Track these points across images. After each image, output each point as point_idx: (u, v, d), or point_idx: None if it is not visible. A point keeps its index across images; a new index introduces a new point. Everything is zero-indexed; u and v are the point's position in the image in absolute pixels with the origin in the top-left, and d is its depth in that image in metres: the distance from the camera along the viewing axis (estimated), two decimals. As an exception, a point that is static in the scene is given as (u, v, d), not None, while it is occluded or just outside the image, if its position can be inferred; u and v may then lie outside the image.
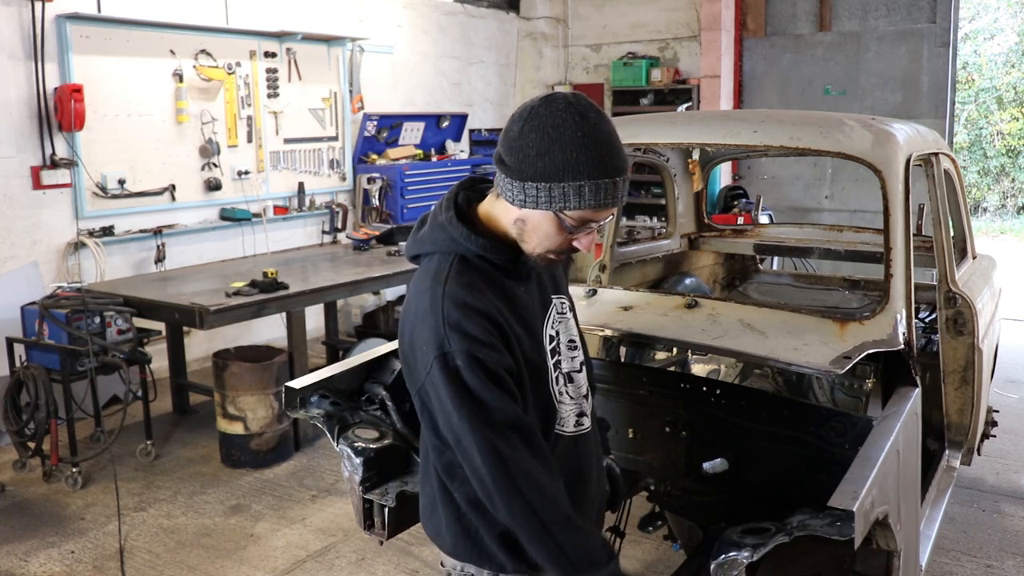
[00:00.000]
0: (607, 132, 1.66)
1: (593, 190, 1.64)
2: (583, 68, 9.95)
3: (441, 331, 1.66)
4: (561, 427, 1.86)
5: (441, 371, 1.65)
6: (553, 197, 1.65)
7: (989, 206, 15.75)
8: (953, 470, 3.50)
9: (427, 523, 1.94)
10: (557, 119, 1.64)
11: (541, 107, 1.67)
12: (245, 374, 4.83)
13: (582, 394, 1.92)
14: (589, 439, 1.95)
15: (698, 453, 2.60)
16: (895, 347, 2.44)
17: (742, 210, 7.86)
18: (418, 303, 1.74)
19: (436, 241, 1.79)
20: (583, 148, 1.62)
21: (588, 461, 1.94)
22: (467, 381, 1.65)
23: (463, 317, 1.66)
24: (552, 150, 1.63)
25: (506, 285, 1.78)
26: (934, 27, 8.17)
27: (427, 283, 1.74)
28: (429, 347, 1.68)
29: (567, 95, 1.68)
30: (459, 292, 1.69)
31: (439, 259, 1.77)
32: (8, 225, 5.50)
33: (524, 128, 1.67)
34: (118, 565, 3.85)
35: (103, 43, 5.86)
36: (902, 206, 2.62)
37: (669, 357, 3.81)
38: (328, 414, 2.54)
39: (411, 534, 3.88)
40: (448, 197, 1.84)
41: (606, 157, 1.64)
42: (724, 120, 3.23)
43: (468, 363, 1.64)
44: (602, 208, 1.67)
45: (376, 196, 7.65)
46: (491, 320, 1.69)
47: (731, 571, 1.77)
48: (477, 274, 1.74)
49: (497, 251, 1.76)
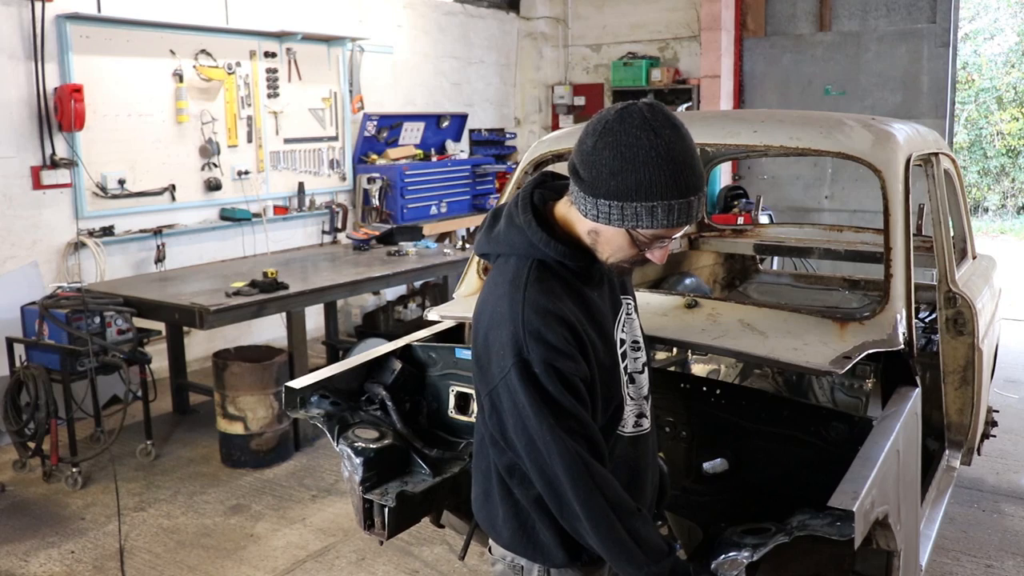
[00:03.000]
0: (682, 150, 1.63)
1: (666, 210, 1.63)
2: (583, 68, 9.95)
3: (520, 337, 1.68)
4: (622, 428, 1.90)
5: (519, 376, 1.67)
6: (626, 216, 1.65)
7: (989, 206, 15.75)
8: (953, 470, 3.50)
9: (479, 512, 1.98)
10: (631, 137, 1.62)
11: (615, 122, 1.65)
12: (245, 374, 4.83)
13: (643, 395, 1.95)
14: (648, 439, 1.98)
15: (698, 453, 2.59)
16: (895, 347, 2.44)
17: (742, 210, 7.81)
18: (495, 307, 1.75)
19: (513, 243, 1.79)
20: (656, 169, 1.61)
21: (646, 461, 1.97)
22: (545, 387, 1.67)
23: (543, 325, 1.68)
24: (625, 170, 1.62)
25: (582, 290, 1.79)
26: (934, 27, 8.17)
27: (505, 287, 1.75)
28: (507, 352, 1.69)
29: (644, 108, 1.65)
30: (539, 299, 1.71)
31: (516, 262, 1.78)
32: (8, 225, 5.50)
33: (598, 144, 1.65)
34: (118, 565, 3.86)
35: (103, 43, 5.86)
36: (902, 206, 2.62)
37: (669, 357, 3.81)
38: (328, 414, 2.54)
39: (411, 534, 3.89)
40: (524, 197, 1.82)
41: (679, 177, 1.62)
42: (724, 120, 3.23)
43: (545, 371, 1.67)
44: (675, 227, 1.67)
45: (376, 196, 7.64)
46: (570, 328, 1.70)
47: (731, 571, 1.77)
48: (555, 279, 1.76)
49: (575, 257, 1.76)
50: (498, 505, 1.90)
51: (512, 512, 1.87)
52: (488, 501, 1.93)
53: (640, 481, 1.96)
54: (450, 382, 2.75)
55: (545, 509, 1.79)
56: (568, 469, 1.67)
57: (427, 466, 2.56)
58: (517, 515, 1.87)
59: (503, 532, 1.90)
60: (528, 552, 1.87)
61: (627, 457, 1.92)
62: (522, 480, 1.81)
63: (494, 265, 1.85)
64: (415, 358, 2.83)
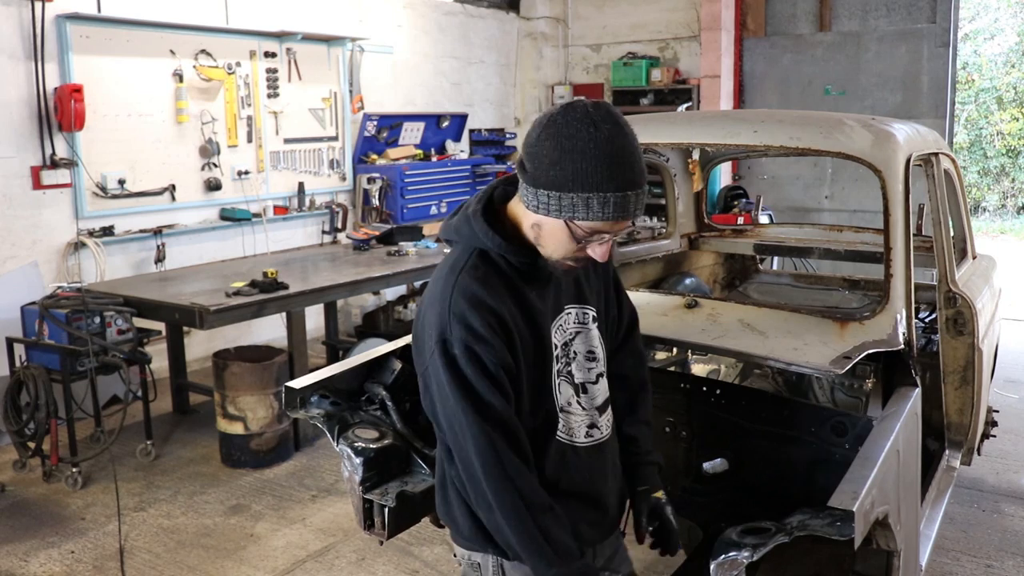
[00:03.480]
0: (621, 146, 1.65)
1: (601, 203, 1.64)
2: (583, 68, 9.95)
3: (446, 318, 1.72)
4: (571, 437, 1.89)
5: (441, 356, 1.72)
6: (563, 206, 1.67)
7: (989, 206, 15.74)
8: (953, 470, 3.50)
9: (439, 505, 1.98)
10: (571, 128, 1.64)
11: (559, 115, 1.68)
12: (245, 374, 4.83)
13: (595, 405, 1.93)
14: (606, 448, 1.96)
15: (698, 453, 2.60)
16: (895, 347, 2.44)
17: (742, 210, 7.85)
18: (432, 288, 1.81)
19: (461, 232, 1.83)
20: (593, 160, 1.63)
21: (604, 470, 1.96)
22: (463, 369, 1.70)
23: (468, 309, 1.71)
24: (563, 160, 1.64)
25: (520, 286, 1.80)
26: (934, 27, 8.17)
27: (444, 271, 1.81)
28: (433, 332, 1.74)
29: (588, 104, 1.68)
30: (470, 285, 1.74)
31: (460, 250, 1.83)
32: (8, 225, 5.50)
33: (541, 135, 1.68)
34: (118, 565, 3.85)
35: (103, 43, 5.86)
36: (902, 206, 2.62)
37: (669, 357, 3.81)
38: (328, 414, 2.54)
39: (411, 534, 3.89)
40: (485, 190, 1.87)
41: (616, 171, 1.63)
42: (724, 120, 3.23)
43: (464, 353, 1.70)
44: (611, 221, 1.67)
45: (376, 196, 7.64)
46: (496, 316, 1.72)
47: (731, 571, 1.77)
48: (492, 271, 1.78)
49: (514, 252, 1.78)
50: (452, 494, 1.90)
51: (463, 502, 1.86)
52: (443, 490, 1.93)
53: (599, 490, 1.94)
54: (450, 382, 2.74)
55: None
56: (480, 454, 1.69)
57: (427, 466, 2.56)
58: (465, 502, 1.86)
59: (462, 525, 1.89)
60: (484, 545, 1.86)
61: (582, 467, 1.90)
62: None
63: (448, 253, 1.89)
64: (415, 358, 2.82)
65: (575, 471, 1.88)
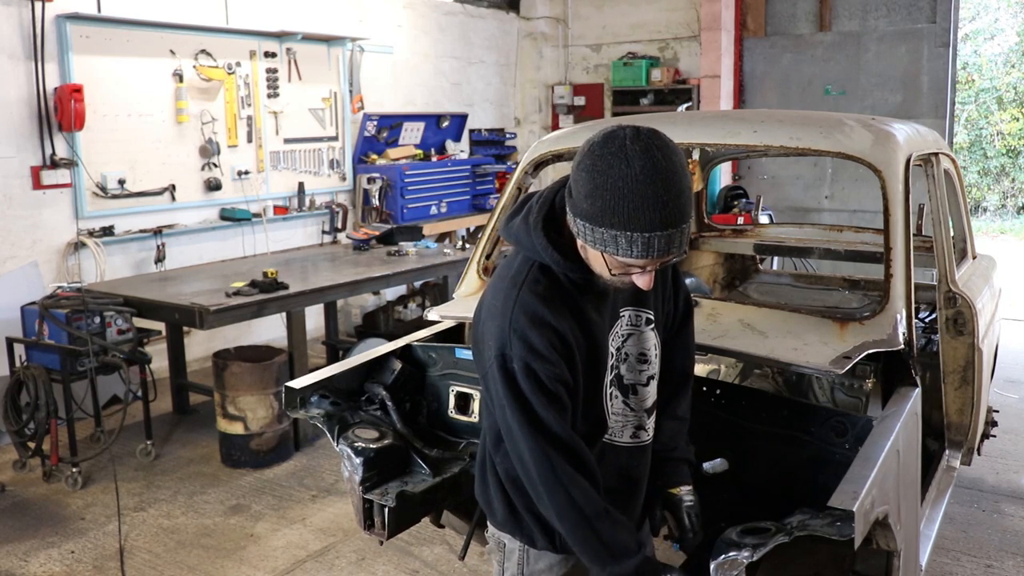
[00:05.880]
0: (654, 184, 1.58)
1: (629, 241, 1.61)
2: (583, 68, 9.95)
3: (506, 334, 1.73)
4: (616, 438, 1.93)
5: (499, 371, 1.73)
6: (596, 239, 1.65)
7: (989, 206, 15.74)
8: (953, 470, 3.50)
9: (477, 488, 2.04)
10: (605, 163, 1.60)
11: (597, 146, 1.63)
12: (245, 374, 4.83)
13: (644, 407, 1.96)
14: (646, 451, 2.00)
15: (698, 453, 2.59)
16: (895, 347, 2.44)
17: (742, 210, 7.83)
18: (494, 299, 1.80)
19: (521, 241, 1.81)
20: (622, 199, 1.58)
21: (641, 472, 2.00)
22: (520, 384, 1.72)
23: (528, 327, 1.71)
24: (595, 194, 1.61)
25: (579, 299, 1.80)
26: (934, 27, 8.17)
27: (506, 283, 1.80)
28: (493, 344, 1.76)
29: (628, 135, 1.61)
30: (531, 301, 1.74)
31: (521, 260, 1.82)
32: (8, 225, 5.50)
33: (581, 163, 1.65)
34: (118, 565, 3.86)
35: (103, 43, 5.86)
36: (902, 206, 2.62)
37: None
38: (328, 414, 2.54)
39: (411, 534, 3.89)
40: (547, 196, 1.81)
41: (645, 211, 1.58)
42: (724, 120, 3.23)
43: (523, 370, 1.71)
44: (641, 259, 1.64)
45: (376, 196, 7.64)
46: (557, 334, 1.73)
47: (731, 571, 1.77)
48: (553, 284, 1.77)
49: (572, 269, 1.77)
50: (491, 479, 1.96)
51: (501, 488, 1.93)
52: (483, 474, 2.00)
53: (634, 490, 2.00)
54: (450, 382, 2.75)
55: (520, 488, 1.85)
56: (537, 465, 1.73)
57: (427, 466, 2.56)
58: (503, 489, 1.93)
59: (497, 509, 1.96)
60: (509, 528, 1.94)
61: (622, 466, 1.94)
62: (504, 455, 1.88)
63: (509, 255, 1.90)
64: (415, 358, 2.83)
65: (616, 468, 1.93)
